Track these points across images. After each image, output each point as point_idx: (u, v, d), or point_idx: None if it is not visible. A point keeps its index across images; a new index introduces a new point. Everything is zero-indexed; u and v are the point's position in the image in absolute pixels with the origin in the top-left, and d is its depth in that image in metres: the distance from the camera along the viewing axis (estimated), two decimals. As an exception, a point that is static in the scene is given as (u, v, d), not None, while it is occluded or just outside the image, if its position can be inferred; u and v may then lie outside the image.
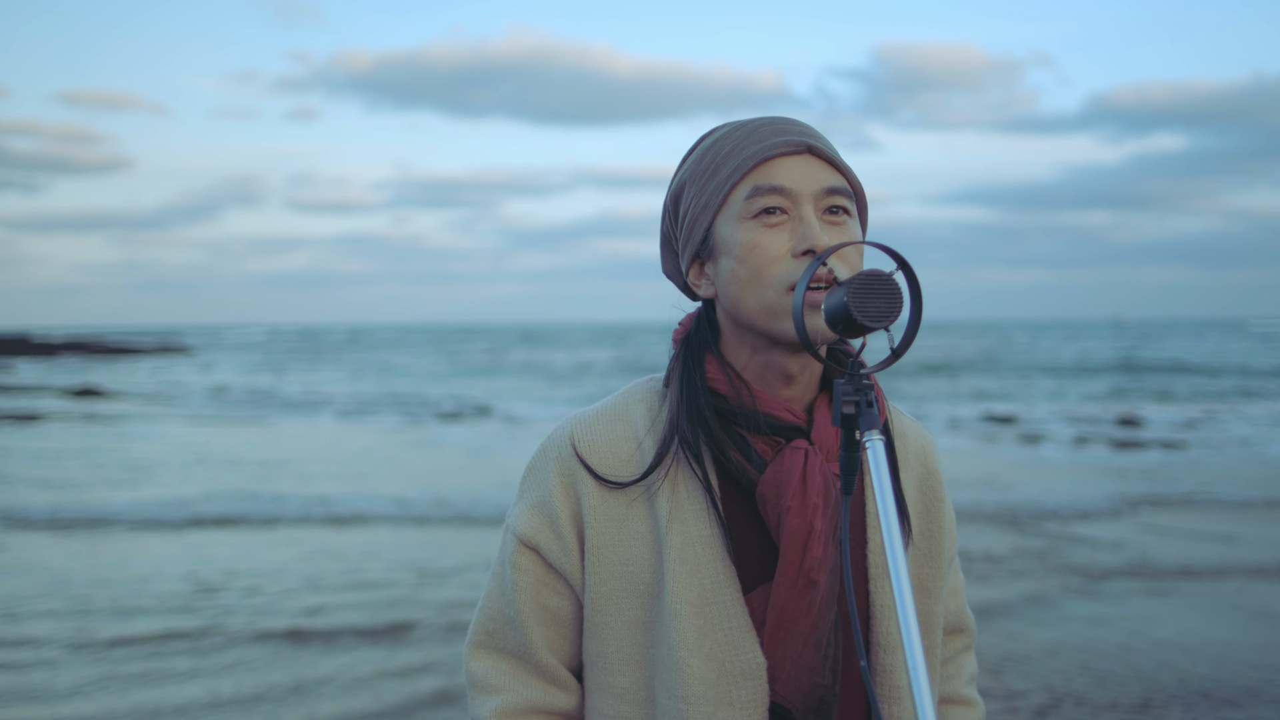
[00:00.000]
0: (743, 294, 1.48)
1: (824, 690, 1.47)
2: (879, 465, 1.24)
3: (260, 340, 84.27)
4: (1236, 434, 19.51)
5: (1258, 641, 6.80)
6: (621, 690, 1.52)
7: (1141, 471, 14.53)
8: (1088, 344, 62.61)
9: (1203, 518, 11.04)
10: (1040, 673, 6.19)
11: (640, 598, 1.50)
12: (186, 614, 7.74)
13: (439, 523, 11.32)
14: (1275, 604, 7.70)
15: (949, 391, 29.90)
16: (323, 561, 9.49)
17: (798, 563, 1.44)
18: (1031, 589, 8.10)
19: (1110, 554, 9.32)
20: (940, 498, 1.66)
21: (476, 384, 36.13)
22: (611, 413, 1.57)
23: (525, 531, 1.55)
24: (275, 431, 21.26)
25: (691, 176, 1.54)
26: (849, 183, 1.52)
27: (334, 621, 7.55)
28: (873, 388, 1.30)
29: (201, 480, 14.34)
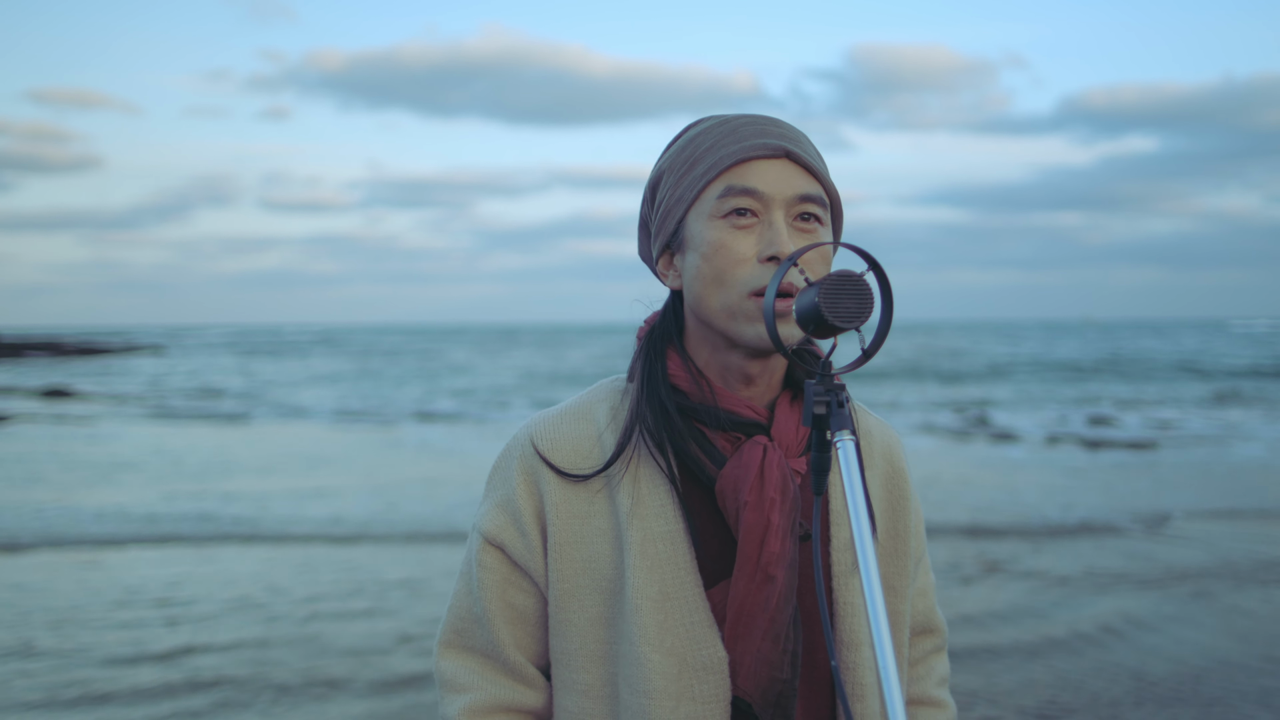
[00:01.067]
0: (706, 292, 1.49)
1: (783, 685, 1.48)
2: (849, 465, 1.25)
3: (227, 340, 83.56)
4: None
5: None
6: (585, 687, 1.52)
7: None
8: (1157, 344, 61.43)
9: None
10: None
11: (602, 594, 1.51)
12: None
13: (375, 540, 10.19)
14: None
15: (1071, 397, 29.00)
16: (198, 586, 8.33)
17: (755, 557, 1.45)
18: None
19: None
20: (906, 496, 1.66)
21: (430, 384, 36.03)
22: (574, 411, 1.58)
23: (490, 530, 1.56)
24: (230, 434, 20.79)
25: (670, 166, 1.56)
26: (825, 190, 1.53)
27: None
28: (844, 388, 1.30)
29: (132, 489, 13.23)
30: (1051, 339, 68.97)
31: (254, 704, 5.75)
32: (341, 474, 14.81)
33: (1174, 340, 69.85)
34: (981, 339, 75.65)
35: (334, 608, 7.68)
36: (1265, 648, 6.69)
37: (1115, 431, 20.36)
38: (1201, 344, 63.23)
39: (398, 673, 6.23)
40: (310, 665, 6.38)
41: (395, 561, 9.22)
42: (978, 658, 6.46)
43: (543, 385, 34.53)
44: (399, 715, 5.63)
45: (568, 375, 38.81)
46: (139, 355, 56.73)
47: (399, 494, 12.74)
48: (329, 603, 7.82)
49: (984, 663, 6.38)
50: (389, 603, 7.82)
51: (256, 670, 6.29)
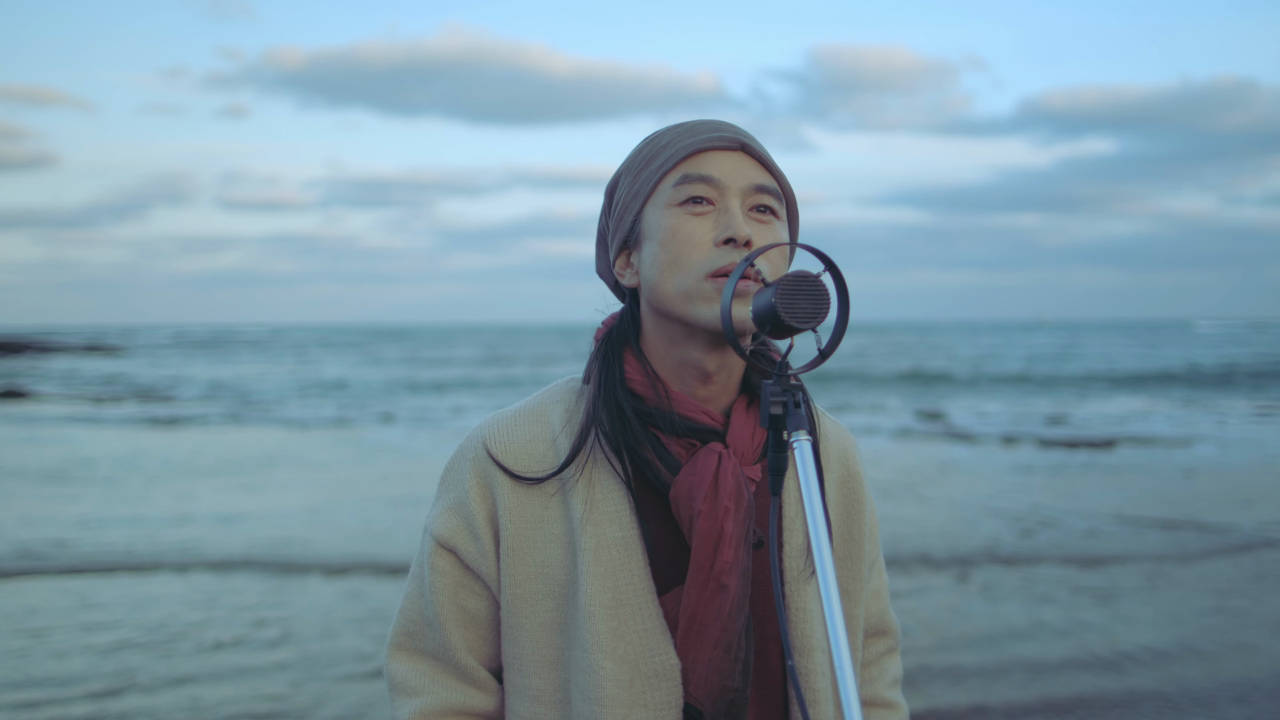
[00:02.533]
0: (662, 277, 1.49)
1: (734, 694, 1.47)
2: (806, 466, 1.24)
3: (176, 340, 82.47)
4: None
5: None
6: (537, 692, 1.51)
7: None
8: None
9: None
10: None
11: (555, 599, 1.51)
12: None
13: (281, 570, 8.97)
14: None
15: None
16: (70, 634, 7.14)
17: (708, 566, 1.44)
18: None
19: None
20: (861, 499, 1.66)
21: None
22: (528, 413, 1.57)
23: (442, 533, 1.55)
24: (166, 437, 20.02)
25: (628, 168, 1.57)
26: (779, 186, 1.54)
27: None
28: (801, 388, 1.30)
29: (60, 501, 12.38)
30: (996, 343, 68.49)
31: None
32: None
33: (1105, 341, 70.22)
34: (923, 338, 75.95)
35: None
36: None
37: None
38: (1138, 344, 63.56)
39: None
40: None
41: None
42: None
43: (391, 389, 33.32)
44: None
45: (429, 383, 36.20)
46: (97, 356, 56.01)
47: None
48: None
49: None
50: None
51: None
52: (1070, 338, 71.58)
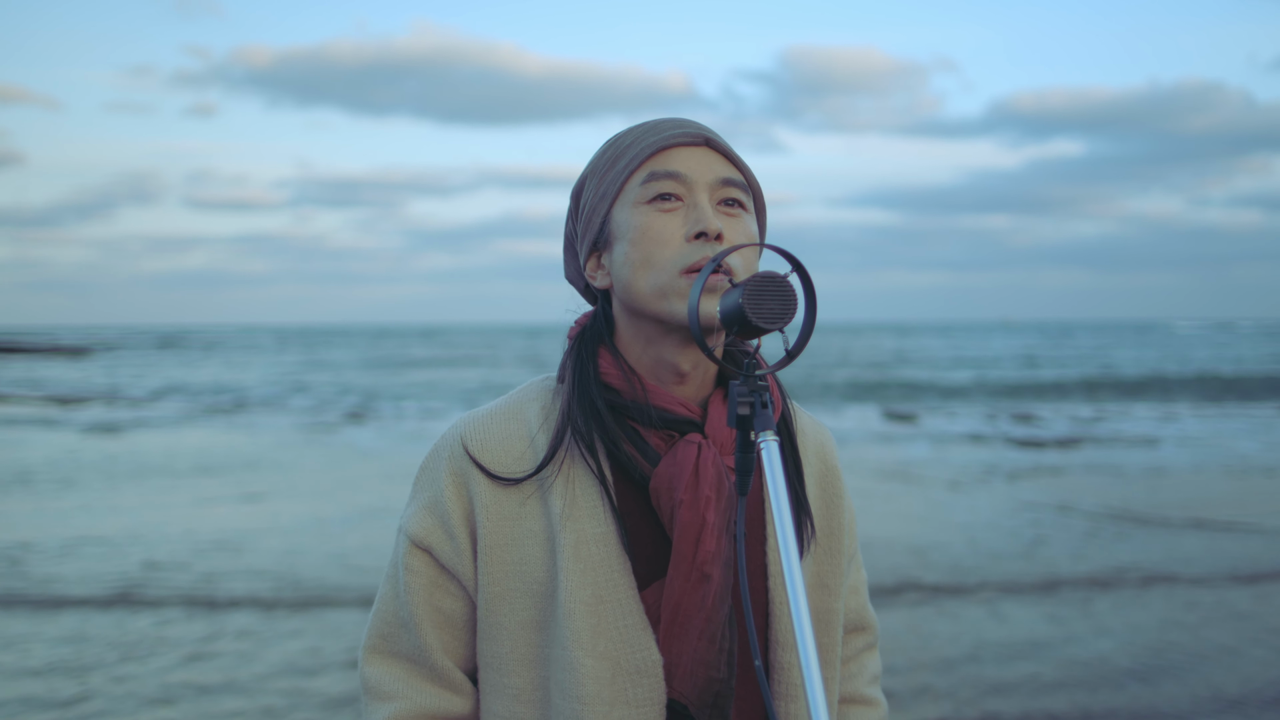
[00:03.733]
0: (635, 276, 1.49)
1: (720, 685, 1.47)
2: (773, 465, 1.25)
3: (154, 340, 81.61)
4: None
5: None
6: (516, 691, 1.51)
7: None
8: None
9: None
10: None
11: (534, 597, 1.50)
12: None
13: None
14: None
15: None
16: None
17: (691, 556, 1.44)
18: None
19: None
20: (839, 494, 1.67)
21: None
22: (504, 411, 1.56)
23: (417, 532, 1.54)
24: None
25: (593, 171, 1.57)
26: (745, 179, 1.55)
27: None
28: (768, 388, 1.31)
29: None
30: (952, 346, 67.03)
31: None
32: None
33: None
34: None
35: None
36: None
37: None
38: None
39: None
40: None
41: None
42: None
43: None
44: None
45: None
46: (64, 358, 55.30)
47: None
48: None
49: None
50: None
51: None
52: (1072, 340, 70.17)
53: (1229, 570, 8.81)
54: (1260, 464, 15.71)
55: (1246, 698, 5.88)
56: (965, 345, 63.29)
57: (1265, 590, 8.23)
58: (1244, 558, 9.30)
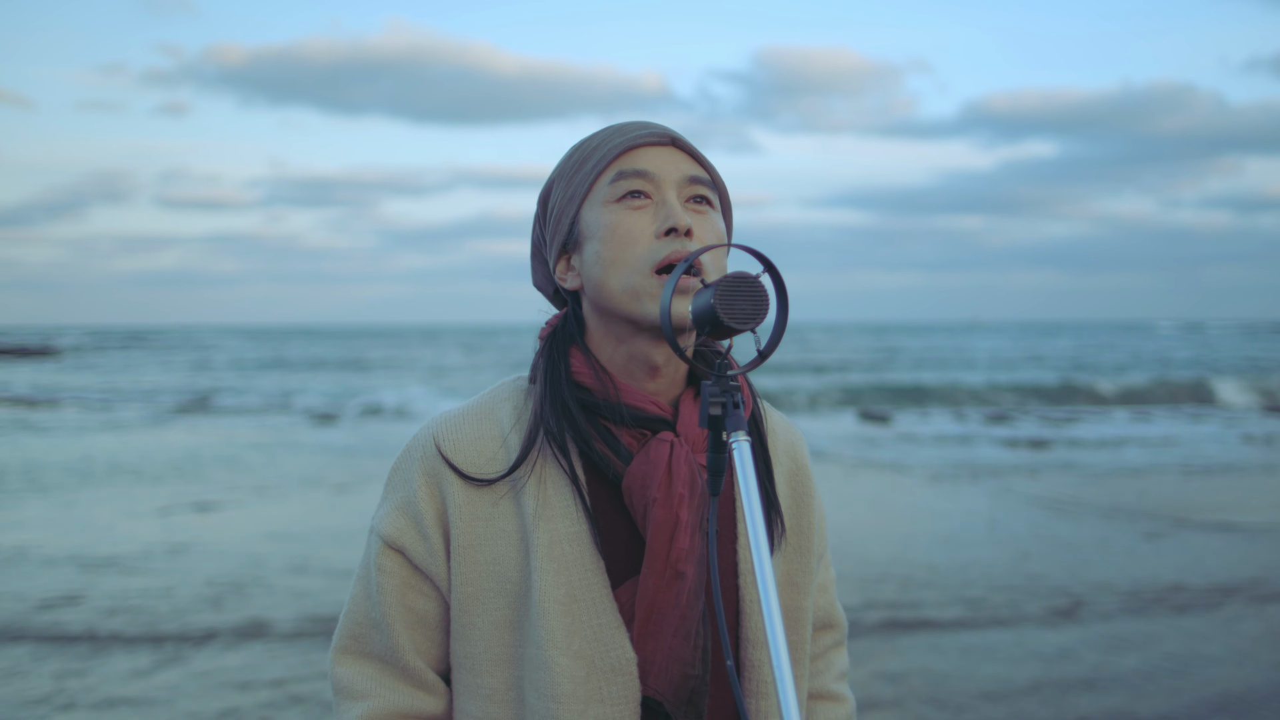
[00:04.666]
0: (606, 275, 1.50)
1: (695, 681, 1.48)
2: (745, 466, 1.26)
3: (120, 340, 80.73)
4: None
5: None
6: (490, 691, 1.51)
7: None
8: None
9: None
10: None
11: (508, 597, 1.50)
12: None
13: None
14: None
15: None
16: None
17: (665, 554, 1.45)
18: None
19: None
20: (809, 494, 1.68)
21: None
22: (477, 411, 1.57)
23: (390, 533, 1.54)
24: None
25: (560, 174, 1.58)
26: (711, 177, 1.56)
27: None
28: (740, 389, 1.32)
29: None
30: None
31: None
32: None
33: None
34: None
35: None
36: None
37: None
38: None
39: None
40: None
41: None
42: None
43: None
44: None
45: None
46: (32, 359, 54.76)
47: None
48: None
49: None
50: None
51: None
52: (1099, 340, 68.99)
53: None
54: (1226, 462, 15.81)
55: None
56: (969, 345, 62.76)
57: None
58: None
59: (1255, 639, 6.90)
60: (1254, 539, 10.03)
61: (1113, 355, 47.04)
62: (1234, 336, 78.18)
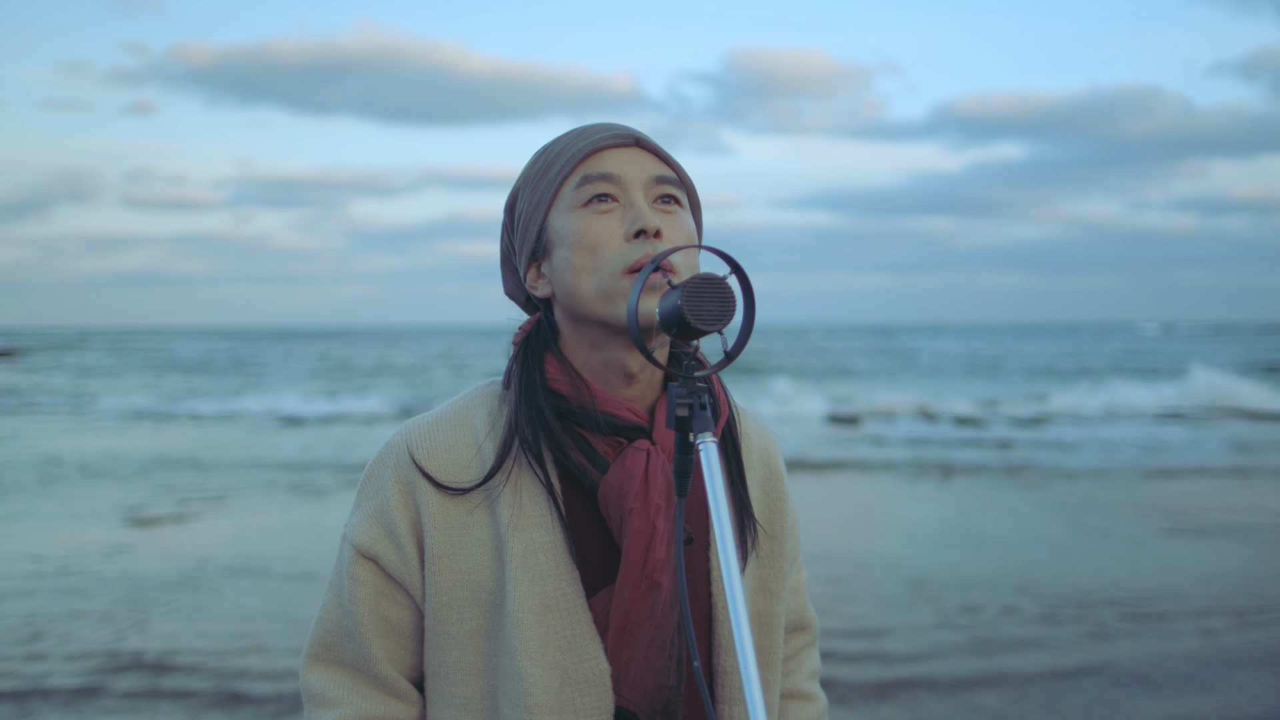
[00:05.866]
0: (578, 280, 1.49)
1: (670, 691, 1.47)
2: (711, 467, 1.25)
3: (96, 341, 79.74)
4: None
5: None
6: (464, 700, 1.50)
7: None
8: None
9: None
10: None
11: (482, 606, 1.49)
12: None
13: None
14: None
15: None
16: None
17: (641, 564, 1.45)
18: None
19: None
20: (783, 498, 1.68)
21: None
22: (450, 418, 1.55)
23: (363, 541, 1.53)
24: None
25: (525, 182, 1.57)
26: (678, 176, 1.56)
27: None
28: (707, 390, 1.31)
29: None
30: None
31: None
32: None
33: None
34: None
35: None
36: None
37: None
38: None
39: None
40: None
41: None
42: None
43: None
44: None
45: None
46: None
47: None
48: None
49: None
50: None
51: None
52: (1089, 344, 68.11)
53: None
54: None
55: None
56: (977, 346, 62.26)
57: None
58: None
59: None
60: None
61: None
62: (1202, 338, 78.67)
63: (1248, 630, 6.91)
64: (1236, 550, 9.35)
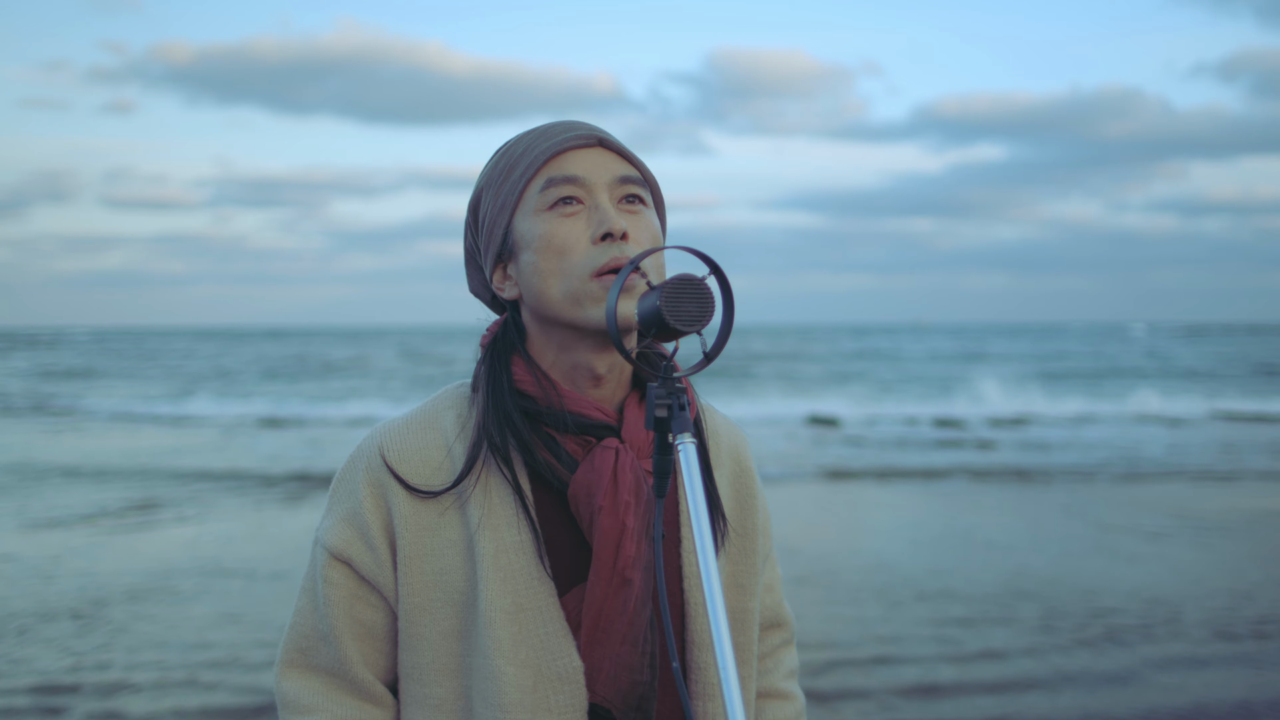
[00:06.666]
0: (545, 284, 1.49)
1: (643, 688, 1.48)
2: (691, 467, 1.26)
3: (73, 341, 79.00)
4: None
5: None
6: (438, 701, 1.50)
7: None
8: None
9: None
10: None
11: (454, 607, 1.49)
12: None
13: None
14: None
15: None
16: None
17: (611, 562, 1.45)
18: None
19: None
20: (753, 495, 1.69)
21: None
22: (420, 420, 1.56)
23: (336, 544, 1.53)
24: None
25: (488, 182, 1.57)
26: (642, 174, 1.56)
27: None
28: (685, 390, 1.31)
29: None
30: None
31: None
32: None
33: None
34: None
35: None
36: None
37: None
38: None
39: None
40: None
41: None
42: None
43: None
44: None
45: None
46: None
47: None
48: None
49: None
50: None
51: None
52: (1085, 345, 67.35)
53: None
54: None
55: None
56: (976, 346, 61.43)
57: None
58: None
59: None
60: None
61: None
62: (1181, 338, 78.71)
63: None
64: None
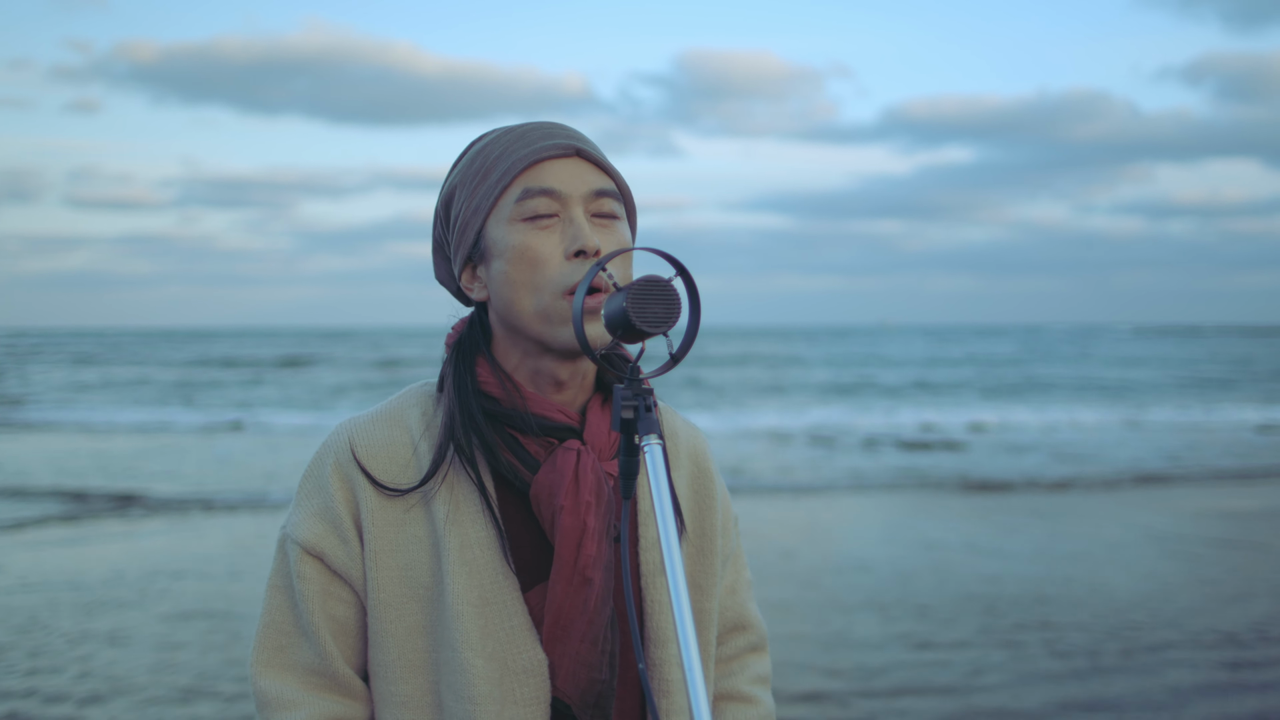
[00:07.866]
0: (516, 295, 1.50)
1: (602, 686, 1.49)
2: (657, 469, 1.27)
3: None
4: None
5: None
6: (405, 698, 1.51)
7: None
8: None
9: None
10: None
11: (420, 602, 1.50)
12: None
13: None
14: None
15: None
16: None
17: (572, 561, 1.46)
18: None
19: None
20: (712, 496, 1.70)
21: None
22: (387, 417, 1.56)
23: (308, 539, 1.53)
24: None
25: (462, 181, 1.56)
26: (617, 186, 1.56)
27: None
28: (651, 392, 1.33)
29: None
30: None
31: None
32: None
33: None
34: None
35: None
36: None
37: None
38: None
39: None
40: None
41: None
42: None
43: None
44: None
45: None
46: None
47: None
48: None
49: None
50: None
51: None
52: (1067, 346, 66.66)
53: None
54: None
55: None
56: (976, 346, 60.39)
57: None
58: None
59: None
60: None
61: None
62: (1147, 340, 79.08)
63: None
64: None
